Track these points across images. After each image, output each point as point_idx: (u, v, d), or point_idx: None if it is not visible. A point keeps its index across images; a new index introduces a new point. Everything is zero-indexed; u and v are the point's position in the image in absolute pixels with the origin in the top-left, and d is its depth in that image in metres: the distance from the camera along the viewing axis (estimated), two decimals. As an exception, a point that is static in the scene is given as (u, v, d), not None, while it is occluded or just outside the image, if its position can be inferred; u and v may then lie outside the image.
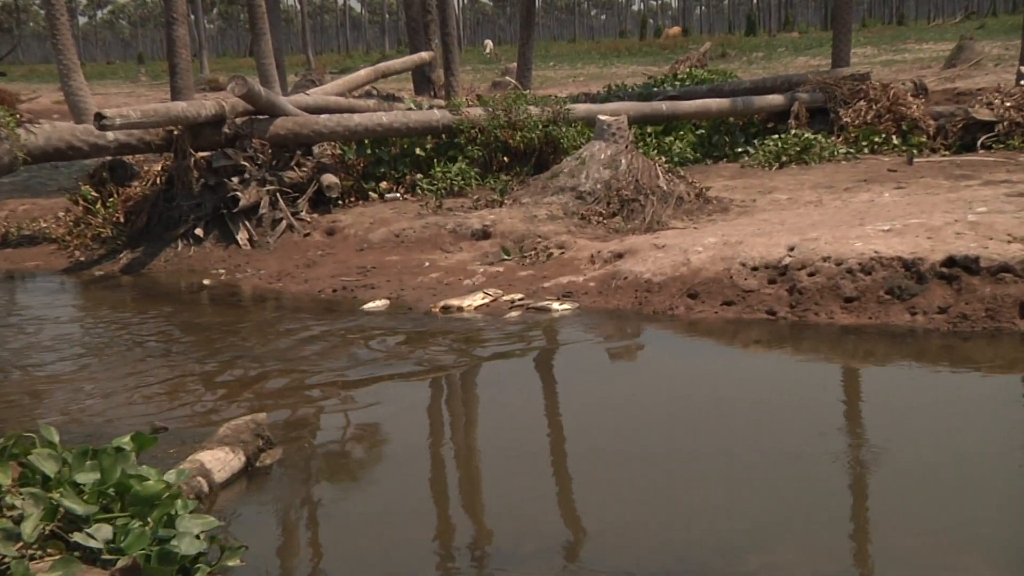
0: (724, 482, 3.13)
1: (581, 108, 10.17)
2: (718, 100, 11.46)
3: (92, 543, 2.35)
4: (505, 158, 9.55)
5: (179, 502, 2.56)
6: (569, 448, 3.56)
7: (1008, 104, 10.75)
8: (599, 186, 7.98)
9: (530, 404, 4.18)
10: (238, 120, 8.49)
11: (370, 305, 6.25)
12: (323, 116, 8.98)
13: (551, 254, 6.98)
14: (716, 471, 3.23)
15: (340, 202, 8.89)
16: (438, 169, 9.20)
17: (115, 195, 8.70)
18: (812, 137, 10.81)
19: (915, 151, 10.63)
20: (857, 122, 11.36)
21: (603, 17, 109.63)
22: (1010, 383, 4.14)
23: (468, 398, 4.43)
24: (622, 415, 3.91)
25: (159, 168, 8.71)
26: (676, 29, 48.75)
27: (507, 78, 21.61)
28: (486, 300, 6.10)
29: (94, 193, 8.87)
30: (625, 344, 5.35)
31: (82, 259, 8.23)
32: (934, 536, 2.68)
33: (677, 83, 13.29)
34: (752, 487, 3.08)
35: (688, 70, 15.12)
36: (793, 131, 11.09)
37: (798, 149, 10.63)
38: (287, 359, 5.06)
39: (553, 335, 5.39)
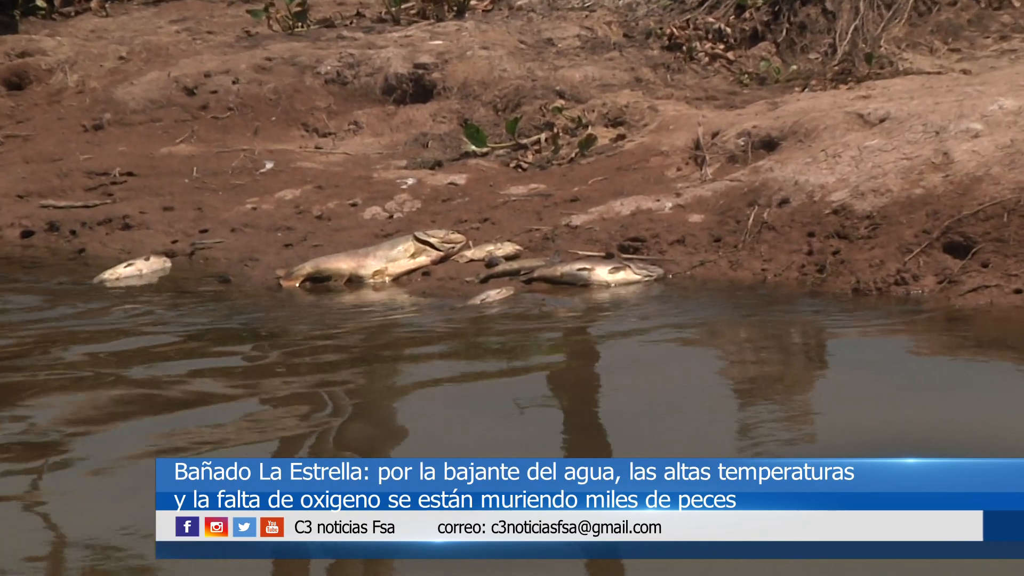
0: None
1: None
2: None
3: None
4: None
5: None
6: None
7: None
8: (713, -37, 8.04)
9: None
10: None
11: (121, 270, 6.46)
12: None
13: (589, 140, 7.09)
14: None
15: (42, 3, 9.06)
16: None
17: None
18: None
19: None
20: None
21: None
22: None
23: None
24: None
25: None
26: None
27: None
28: (421, 260, 6.24)
29: None
30: (801, 393, 5.25)
31: None
32: None
33: None
34: None
35: None
36: None
37: None
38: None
39: (599, 363, 5.50)
